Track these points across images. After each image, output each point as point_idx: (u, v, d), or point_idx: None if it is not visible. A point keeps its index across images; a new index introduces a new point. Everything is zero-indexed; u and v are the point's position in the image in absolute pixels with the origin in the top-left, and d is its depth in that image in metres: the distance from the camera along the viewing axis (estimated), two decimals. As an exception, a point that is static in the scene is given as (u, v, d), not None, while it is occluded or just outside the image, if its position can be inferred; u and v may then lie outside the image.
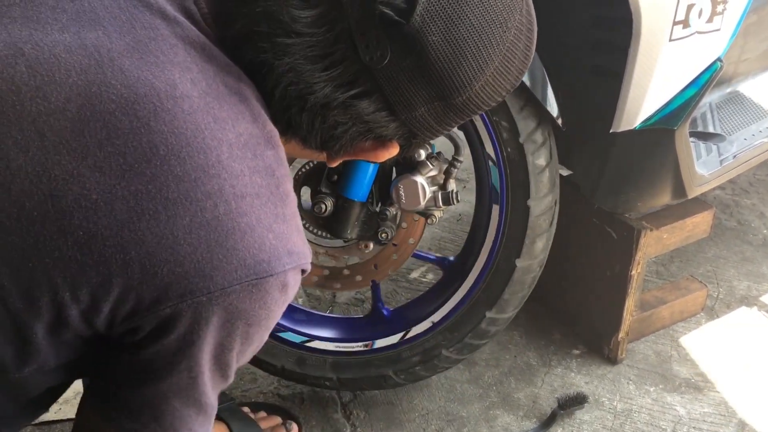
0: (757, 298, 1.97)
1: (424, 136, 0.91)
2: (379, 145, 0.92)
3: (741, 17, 1.47)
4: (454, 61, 0.82)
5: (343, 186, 1.39)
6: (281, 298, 0.84)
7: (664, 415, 1.62)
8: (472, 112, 0.90)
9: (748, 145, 1.77)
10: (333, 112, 0.85)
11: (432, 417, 1.60)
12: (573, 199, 1.69)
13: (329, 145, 0.90)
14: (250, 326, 0.83)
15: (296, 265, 0.83)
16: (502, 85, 0.88)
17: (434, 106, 0.86)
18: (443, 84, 0.83)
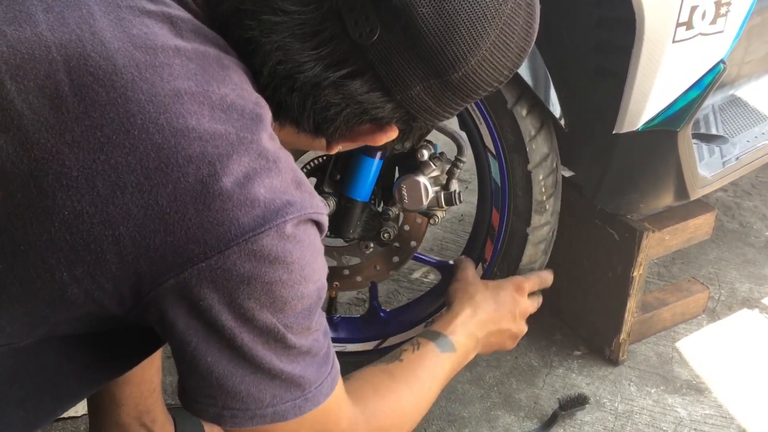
0: (758, 300, 1.97)
1: (425, 118, 0.90)
2: (377, 128, 0.90)
3: (744, 19, 1.47)
4: (446, 34, 0.80)
5: (346, 185, 1.39)
6: (294, 250, 0.81)
7: (665, 416, 1.62)
8: (473, 92, 0.87)
9: (750, 147, 1.77)
10: (324, 92, 0.84)
11: (433, 417, 1.60)
12: (575, 200, 1.69)
13: (323, 127, 0.88)
14: (271, 284, 0.80)
15: (298, 215, 0.81)
16: (502, 62, 0.86)
17: (430, 84, 0.84)
18: (437, 59, 0.82)
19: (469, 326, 1.30)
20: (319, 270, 0.86)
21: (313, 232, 0.84)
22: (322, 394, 0.90)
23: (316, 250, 0.85)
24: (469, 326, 1.30)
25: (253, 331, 0.82)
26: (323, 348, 0.91)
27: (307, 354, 0.88)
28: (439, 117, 0.91)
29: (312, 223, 0.84)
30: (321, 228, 0.86)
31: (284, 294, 0.82)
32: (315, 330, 0.88)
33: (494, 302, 1.35)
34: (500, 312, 1.35)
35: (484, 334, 1.32)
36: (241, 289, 0.79)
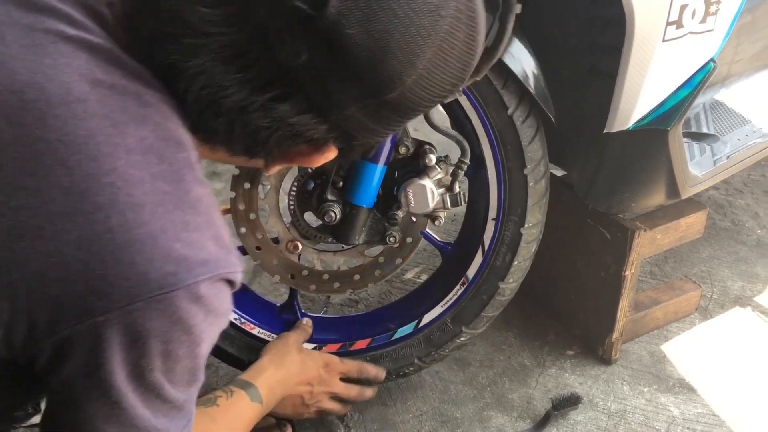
0: (751, 299, 1.98)
1: (364, 137, 0.86)
2: (313, 149, 0.86)
3: (734, 18, 1.47)
4: (378, 54, 0.76)
5: (350, 192, 1.38)
6: (200, 312, 0.77)
7: (658, 415, 1.62)
8: (413, 109, 0.84)
9: (741, 146, 1.78)
10: (252, 116, 0.79)
11: (426, 418, 1.60)
12: (567, 199, 1.69)
13: (255, 150, 0.84)
14: (168, 344, 0.77)
15: (212, 275, 0.77)
16: (442, 78, 0.82)
17: (365, 105, 0.80)
18: (370, 80, 0.78)
19: (274, 384, 1.36)
20: (219, 329, 0.83)
21: (224, 293, 0.81)
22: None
23: (220, 312, 0.81)
24: (274, 384, 1.36)
25: (138, 389, 0.79)
26: (193, 402, 0.88)
27: (181, 409, 0.85)
28: (380, 135, 0.87)
29: (225, 282, 0.80)
30: (234, 286, 0.83)
31: (179, 354, 0.79)
32: (196, 382, 0.86)
33: (299, 368, 1.41)
34: (300, 378, 1.41)
35: (282, 395, 1.39)
36: (137, 347, 0.75)
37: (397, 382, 1.67)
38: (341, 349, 1.57)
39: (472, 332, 1.55)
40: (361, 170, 1.35)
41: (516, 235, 1.48)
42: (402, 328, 1.58)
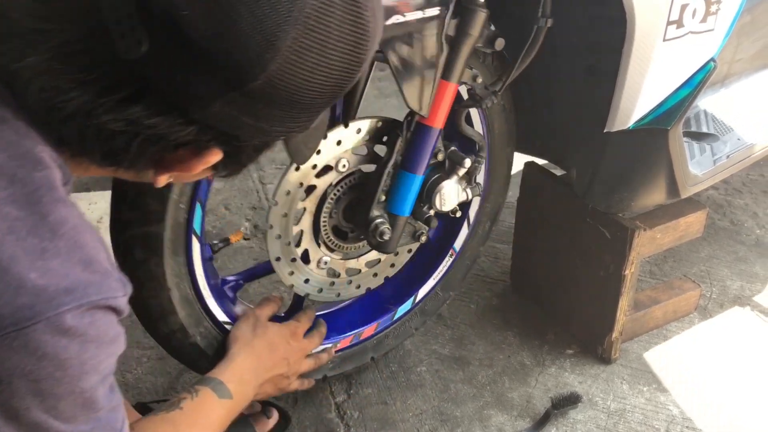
0: (750, 298, 1.98)
1: (249, 136, 0.79)
2: (192, 154, 0.79)
3: (735, 17, 1.47)
4: (225, 37, 0.68)
5: (392, 204, 1.40)
6: (72, 345, 0.72)
7: (658, 414, 1.62)
8: (299, 101, 0.76)
9: (741, 145, 1.78)
10: (104, 121, 0.72)
11: (426, 417, 1.60)
12: (567, 199, 1.69)
13: (117, 159, 0.77)
14: (39, 382, 0.71)
15: (79, 304, 0.71)
16: (322, 62, 0.74)
17: (230, 98, 0.72)
18: (223, 69, 0.70)
19: (245, 374, 1.31)
20: (107, 359, 0.78)
21: (103, 322, 0.75)
22: None
23: (103, 342, 0.76)
24: (245, 374, 1.31)
25: (19, 428, 0.73)
26: (107, 426, 0.83)
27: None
28: (270, 133, 0.80)
29: (104, 309, 0.75)
30: (118, 312, 0.78)
31: (58, 392, 0.73)
32: (99, 410, 0.80)
33: (268, 350, 1.37)
34: (272, 359, 1.37)
35: (259, 381, 1.34)
36: (6, 386, 0.70)
37: (397, 380, 1.68)
38: (354, 342, 1.60)
39: (456, 293, 1.75)
40: (403, 182, 1.38)
41: (496, 205, 1.59)
42: (402, 307, 1.65)
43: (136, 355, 1.69)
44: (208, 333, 1.38)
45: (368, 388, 1.66)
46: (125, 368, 1.65)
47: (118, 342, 0.80)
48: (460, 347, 1.78)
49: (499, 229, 2.19)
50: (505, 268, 2.02)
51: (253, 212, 2.24)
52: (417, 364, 1.73)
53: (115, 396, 0.84)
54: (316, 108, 0.80)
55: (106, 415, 0.82)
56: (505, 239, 2.12)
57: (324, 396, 1.63)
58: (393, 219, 1.40)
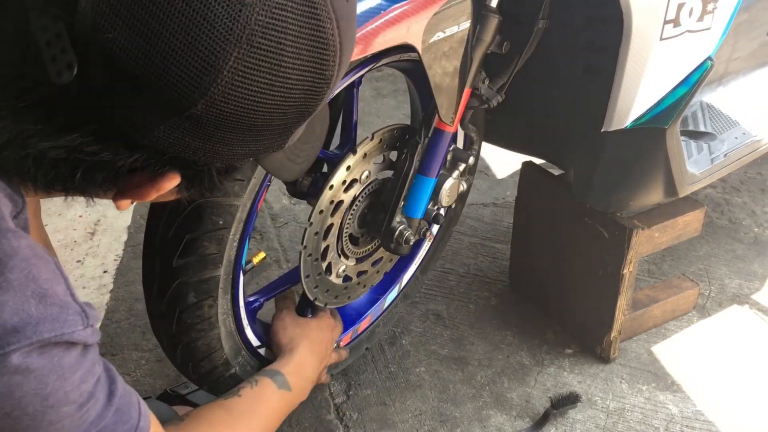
0: (748, 296, 1.98)
1: (206, 159, 0.73)
2: (146, 179, 0.74)
3: (731, 16, 1.47)
4: (156, 60, 0.63)
5: (409, 208, 1.41)
6: (27, 383, 0.69)
7: (657, 413, 1.62)
8: (254, 126, 0.70)
9: (738, 144, 1.78)
10: (42, 149, 0.68)
11: (425, 417, 1.60)
12: (565, 198, 1.69)
13: (64, 187, 0.73)
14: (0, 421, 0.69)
15: (29, 343, 0.68)
16: (276, 82, 0.68)
17: (174, 123, 0.67)
18: (158, 93, 0.65)
19: (305, 367, 1.34)
20: (76, 388, 0.75)
21: (58, 353, 0.71)
22: None
23: (65, 371, 0.72)
24: (305, 367, 1.34)
25: None
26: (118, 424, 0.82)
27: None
28: (229, 156, 0.74)
29: (60, 345, 0.71)
30: (81, 344, 0.74)
31: (19, 427, 0.70)
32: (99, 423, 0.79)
33: (320, 344, 1.40)
34: (324, 351, 1.42)
35: (316, 374, 1.39)
36: None
37: (396, 381, 1.67)
38: (353, 337, 1.63)
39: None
40: (420, 185, 1.40)
41: (465, 189, 1.55)
42: (390, 295, 1.69)
43: (134, 357, 1.69)
44: (246, 362, 1.38)
45: (367, 389, 1.66)
46: (124, 371, 1.65)
47: (83, 364, 0.76)
48: (459, 348, 1.78)
49: (498, 228, 2.19)
50: (504, 268, 2.02)
51: (259, 237, 2.23)
52: (416, 365, 1.73)
53: (117, 399, 0.82)
54: (281, 128, 0.74)
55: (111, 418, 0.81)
56: (503, 239, 2.12)
57: (323, 397, 1.63)
58: (410, 222, 1.43)
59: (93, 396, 0.78)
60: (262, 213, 2.25)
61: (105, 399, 0.81)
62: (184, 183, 0.77)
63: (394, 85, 2.99)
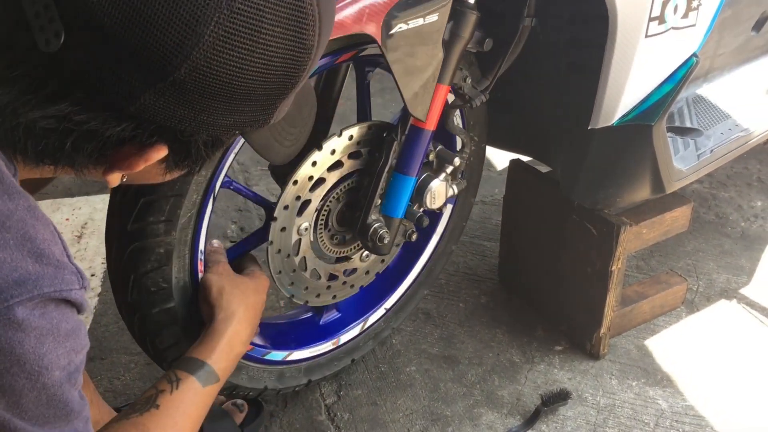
0: (736, 291, 1.99)
1: (192, 130, 0.76)
2: (134, 151, 0.77)
3: (716, 12, 1.48)
4: (140, 24, 0.66)
5: (388, 207, 1.41)
6: (28, 339, 0.71)
7: (647, 409, 1.63)
8: (236, 94, 0.73)
9: (725, 140, 1.79)
10: (32, 119, 0.71)
11: (416, 417, 1.60)
12: (553, 196, 1.70)
13: (54, 158, 0.76)
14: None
15: (31, 296, 0.70)
16: (255, 49, 0.71)
17: (159, 90, 0.70)
18: (142, 58, 0.68)
19: (237, 345, 1.19)
20: (68, 353, 0.76)
21: (57, 315, 0.74)
22: None
23: (61, 335, 0.75)
24: (237, 345, 1.19)
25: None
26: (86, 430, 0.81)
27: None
28: (214, 127, 0.76)
29: (58, 302, 0.74)
30: (75, 305, 0.76)
31: (17, 387, 0.72)
32: (75, 418, 0.80)
33: (254, 310, 1.24)
34: (257, 318, 1.26)
35: (246, 347, 1.23)
36: None
37: (387, 381, 1.67)
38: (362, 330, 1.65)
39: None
40: (398, 184, 1.39)
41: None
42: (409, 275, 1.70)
43: (124, 361, 1.68)
44: None
45: (358, 390, 1.66)
46: (113, 375, 1.64)
47: (77, 336, 0.78)
48: (449, 346, 1.78)
49: (486, 226, 2.19)
50: (493, 266, 2.02)
51: (239, 214, 2.23)
52: (406, 364, 1.73)
53: (87, 414, 0.82)
54: (264, 99, 0.76)
55: (83, 428, 0.81)
56: (492, 237, 2.12)
57: (314, 398, 1.63)
58: (388, 221, 1.41)
59: (78, 370, 0.80)
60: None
61: (80, 395, 0.82)
62: (171, 156, 0.79)
63: (381, 83, 2.98)
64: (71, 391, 0.79)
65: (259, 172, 2.43)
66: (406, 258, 1.70)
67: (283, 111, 0.82)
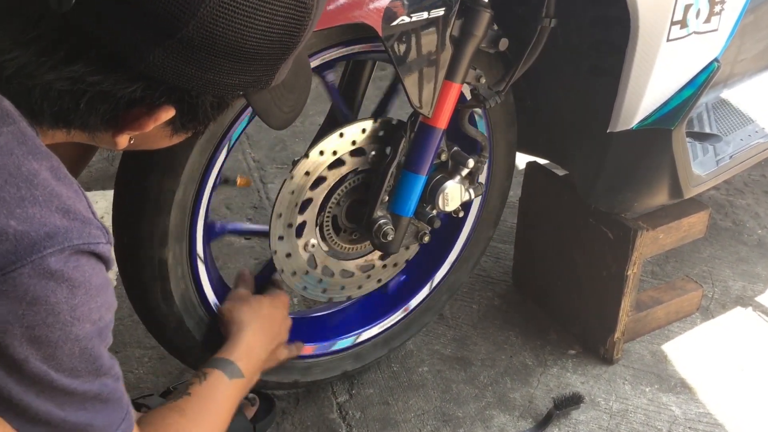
0: (752, 299, 1.98)
1: (199, 89, 0.79)
2: (144, 112, 0.80)
3: (738, 17, 1.47)
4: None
5: (396, 205, 1.40)
6: (60, 289, 0.74)
7: (660, 415, 1.62)
8: (241, 51, 0.76)
9: (744, 146, 1.78)
10: (47, 80, 0.74)
11: (428, 417, 1.59)
12: (569, 199, 1.69)
13: (67, 120, 0.79)
14: (33, 328, 0.73)
15: (62, 248, 0.73)
16: (263, 7, 0.74)
17: (167, 47, 0.73)
18: (151, 14, 0.71)
19: (254, 350, 1.30)
20: (99, 308, 0.79)
21: (89, 267, 0.77)
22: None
23: (92, 288, 0.77)
24: (254, 350, 1.30)
25: (21, 381, 0.75)
26: (115, 393, 0.85)
27: (96, 399, 0.82)
28: (221, 86, 0.80)
29: (88, 255, 0.77)
30: (102, 259, 0.79)
31: (52, 338, 0.75)
32: (104, 374, 0.82)
33: (270, 322, 1.36)
34: (274, 330, 1.37)
35: (267, 355, 1.34)
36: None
37: (399, 380, 1.67)
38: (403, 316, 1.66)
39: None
40: (406, 182, 1.38)
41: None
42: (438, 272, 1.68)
43: (137, 354, 1.69)
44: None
45: (370, 389, 1.66)
46: (127, 368, 1.65)
47: (106, 292, 0.81)
48: (462, 347, 1.78)
49: (501, 229, 2.18)
50: (507, 269, 2.01)
51: (254, 211, 2.24)
52: (419, 365, 1.72)
53: (117, 368, 0.86)
54: (267, 59, 0.80)
55: (113, 385, 0.84)
56: (507, 239, 2.12)
57: (326, 396, 1.63)
58: (396, 219, 1.40)
59: (108, 327, 0.83)
60: (259, 192, 2.25)
61: (110, 356, 0.85)
62: (179, 117, 0.83)
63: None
64: (101, 347, 0.81)
65: (274, 170, 2.44)
66: None
67: (283, 74, 0.86)
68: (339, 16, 1.16)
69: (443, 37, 1.26)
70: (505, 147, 1.61)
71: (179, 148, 1.15)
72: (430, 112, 1.31)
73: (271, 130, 2.61)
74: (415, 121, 1.36)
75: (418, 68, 1.26)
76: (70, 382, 0.78)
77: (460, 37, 1.28)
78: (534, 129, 1.69)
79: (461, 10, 1.26)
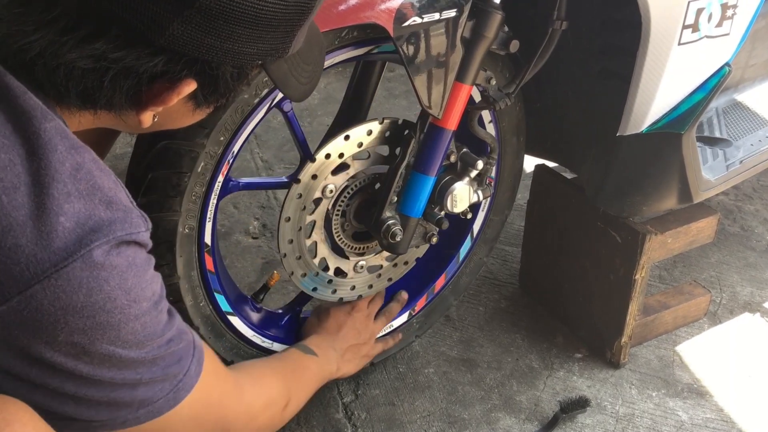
0: (760, 304, 1.97)
1: (219, 60, 0.80)
2: (167, 87, 0.81)
3: (750, 22, 1.47)
4: None
5: (404, 206, 1.40)
6: (112, 277, 0.77)
7: (666, 420, 1.62)
8: (258, 18, 0.78)
9: (754, 151, 1.77)
10: (71, 60, 0.75)
11: (433, 419, 1.59)
12: (577, 202, 1.69)
13: (93, 98, 0.80)
14: (95, 316, 0.77)
15: (107, 240, 0.76)
16: None
17: (186, 17, 0.74)
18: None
19: (329, 340, 1.49)
20: (149, 286, 0.83)
21: (131, 253, 0.80)
22: (191, 378, 0.92)
23: (140, 269, 0.81)
24: (329, 340, 1.49)
25: (92, 362, 0.79)
26: (181, 342, 0.90)
27: (164, 356, 0.87)
28: (240, 56, 0.81)
29: (129, 244, 0.80)
30: (143, 245, 0.82)
31: (113, 322, 0.78)
32: (167, 335, 0.87)
33: (335, 324, 1.53)
34: (342, 330, 1.53)
35: (335, 350, 1.50)
36: (59, 327, 0.75)
37: (405, 381, 1.67)
38: (428, 298, 1.71)
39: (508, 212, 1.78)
40: (415, 183, 1.38)
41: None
42: (462, 247, 1.71)
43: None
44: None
45: (376, 389, 1.65)
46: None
47: (150, 267, 0.85)
48: (468, 349, 1.78)
49: (509, 231, 2.18)
50: (514, 271, 2.01)
51: (262, 211, 2.24)
52: (425, 366, 1.72)
53: (178, 320, 0.91)
54: (284, 24, 0.81)
55: (176, 336, 0.89)
56: (514, 242, 2.12)
57: (331, 396, 1.63)
58: (404, 220, 1.40)
59: (162, 298, 0.87)
60: (266, 192, 2.25)
61: (168, 312, 0.90)
62: (200, 90, 0.84)
63: (406, 86, 2.99)
64: (160, 315, 0.86)
65: (282, 170, 2.44)
66: None
67: (299, 42, 0.88)
68: (350, 16, 1.16)
69: (454, 38, 1.26)
70: (513, 149, 1.61)
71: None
72: (440, 113, 1.31)
73: (279, 130, 2.61)
74: (425, 122, 1.36)
75: (429, 69, 1.26)
76: (138, 352, 0.83)
77: (471, 38, 1.28)
78: (542, 131, 1.69)
79: (473, 11, 1.26)
